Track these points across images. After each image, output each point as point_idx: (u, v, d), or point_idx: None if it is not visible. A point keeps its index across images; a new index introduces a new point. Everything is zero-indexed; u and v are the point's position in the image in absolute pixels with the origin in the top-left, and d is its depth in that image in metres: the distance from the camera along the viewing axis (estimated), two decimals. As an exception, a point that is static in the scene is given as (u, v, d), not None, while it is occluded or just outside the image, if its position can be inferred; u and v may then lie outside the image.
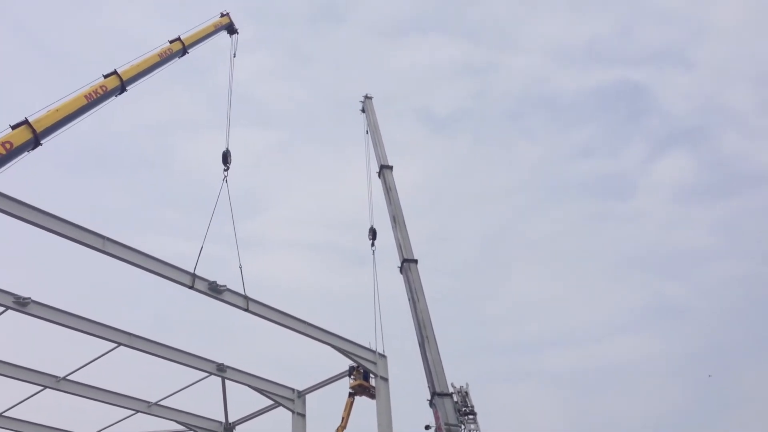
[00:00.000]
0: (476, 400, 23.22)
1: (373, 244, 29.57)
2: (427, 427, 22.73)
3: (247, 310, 24.66)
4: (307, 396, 29.33)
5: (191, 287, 23.29)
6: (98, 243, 21.26)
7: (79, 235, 20.86)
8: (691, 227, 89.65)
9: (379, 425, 26.01)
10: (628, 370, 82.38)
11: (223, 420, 30.19)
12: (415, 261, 26.47)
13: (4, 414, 27.40)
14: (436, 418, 22.71)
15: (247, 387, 28.67)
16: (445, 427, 22.10)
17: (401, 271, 26.53)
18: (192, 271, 23.29)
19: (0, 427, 27.78)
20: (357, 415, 26.20)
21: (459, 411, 22.64)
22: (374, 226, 29.88)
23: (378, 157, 30.64)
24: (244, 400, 31.31)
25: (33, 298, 22.26)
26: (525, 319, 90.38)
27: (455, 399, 22.86)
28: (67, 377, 26.24)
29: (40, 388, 26.04)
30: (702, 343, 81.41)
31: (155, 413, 28.92)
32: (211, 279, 23.75)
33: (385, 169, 29.83)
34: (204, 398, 31.74)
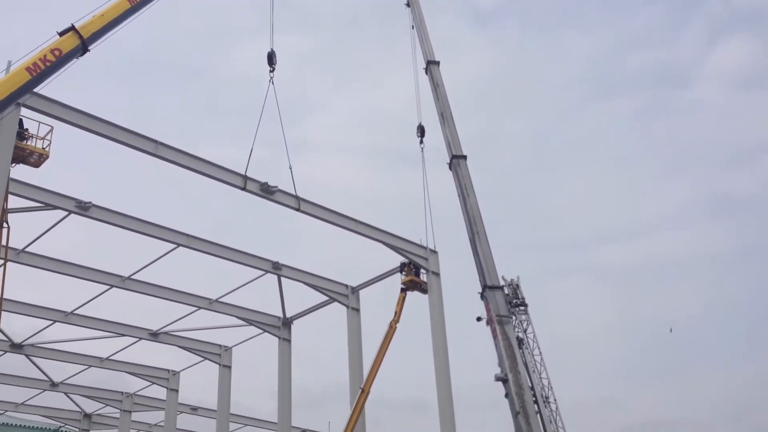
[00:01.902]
0: (527, 293, 23.57)
1: (421, 142, 29.48)
2: (479, 319, 23.21)
3: (298, 209, 25.10)
4: (361, 292, 30.19)
5: (243, 189, 23.73)
6: (151, 147, 21.71)
7: (133, 140, 21.32)
8: (754, 116, 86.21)
9: (431, 318, 26.75)
10: (682, 265, 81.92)
11: (281, 315, 31.41)
12: (464, 157, 26.27)
13: (75, 312, 29.00)
14: (487, 310, 23.13)
15: (302, 284, 29.61)
16: (497, 318, 22.54)
17: (450, 168, 26.43)
18: (243, 172, 23.66)
19: (72, 324, 29.51)
20: (410, 310, 26.86)
21: (510, 303, 23.02)
22: (422, 124, 29.68)
23: (424, 52, 29.94)
24: (300, 296, 32.43)
25: (94, 203, 23.07)
26: (575, 216, 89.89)
27: (506, 292, 23.20)
28: (132, 277, 27.48)
29: (107, 287, 27.38)
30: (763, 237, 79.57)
31: (216, 309, 30.21)
32: (263, 180, 24.15)
33: (431, 65, 29.19)
34: (262, 295, 32.97)
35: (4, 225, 18.99)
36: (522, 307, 23.27)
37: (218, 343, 33.06)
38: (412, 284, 26.28)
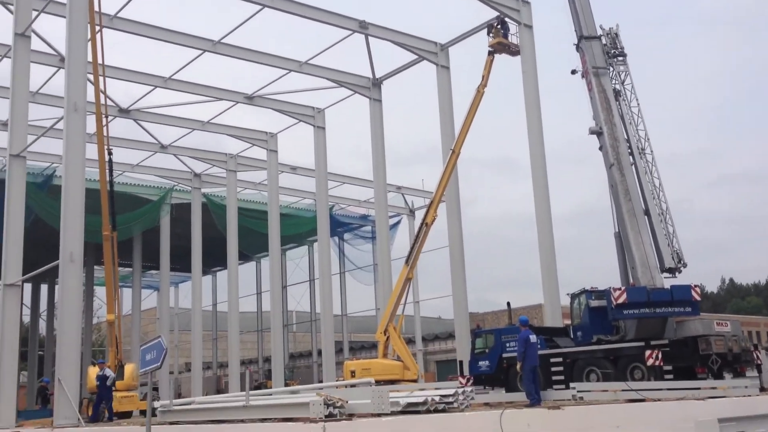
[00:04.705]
0: (626, 42, 22.22)
1: None
2: (573, 72, 22.32)
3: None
4: (451, 50, 29.42)
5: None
6: None
7: None
8: None
9: (523, 72, 26.05)
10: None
11: (371, 76, 31.35)
12: None
13: (173, 77, 29.90)
14: (583, 62, 22.14)
15: (390, 43, 29.05)
16: (593, 70, 21.63)
17: None
18: None
19: (171, 89, 30.59)
20: (501, 66, 26.07)
21: (607, 54, 21.89)
22: None
23: None
24: (389, 56, 32.04)
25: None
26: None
27: (603, 41, 21.96)
28: (222, 41, 27.67)
29: (200, 51, 27.79)
30: None
31: (307, 72, 30.41)
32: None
33: None
34: (351, 57, 32.76)
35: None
36: (620, 58, 22.09)
37: (311, 105, 33.76)
38: (500, 46, 25.21)
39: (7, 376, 19.77)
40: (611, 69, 21.94)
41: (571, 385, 16.86)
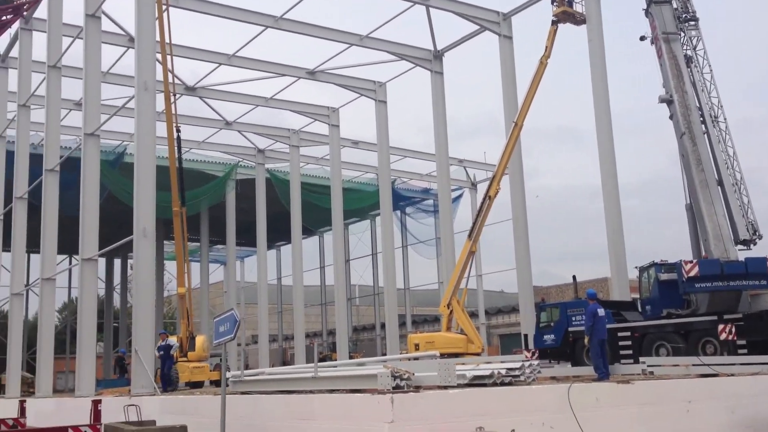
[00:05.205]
0: (698, 6, 21.37)
1: None
2: (642, 38, 21.62)
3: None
4: (514, 20, 28.86)
5: None
6: None
7: None
8: None
9: (589, 41, 25.34)
10: None
11: (432, 48, 31.07)
12: None
13: (236, 54, 30.28)
14: (652, 28, 21.41)
15: (451, 13, 28.69)
16: (663, 36, 20.89)
17: None
18: None
19: (235, 66, 31.01)
20: (565, 33, 25.42)
21: (678, 18, 21.09)
22: None
23: None
24: (450, 28, 31.67)
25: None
26: None
27: (674, 5, 21.16)
28: (284, 16, 27.84)
29: (263, 27, 28.04)
30: None
31: (368, 45, 30.36)
32: None
33: None
34: (412, 29, 32.53)
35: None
36: (692, 23, 21.26)
37: (372, 79, 33.72)
38: (565, 16, 24.47)
39: (87, 346, 20.65)
40: (682, 34, 21.16)
41: (641, 359, 16.58)
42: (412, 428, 9.89)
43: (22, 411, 15.48)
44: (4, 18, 23.44)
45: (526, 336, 24.05)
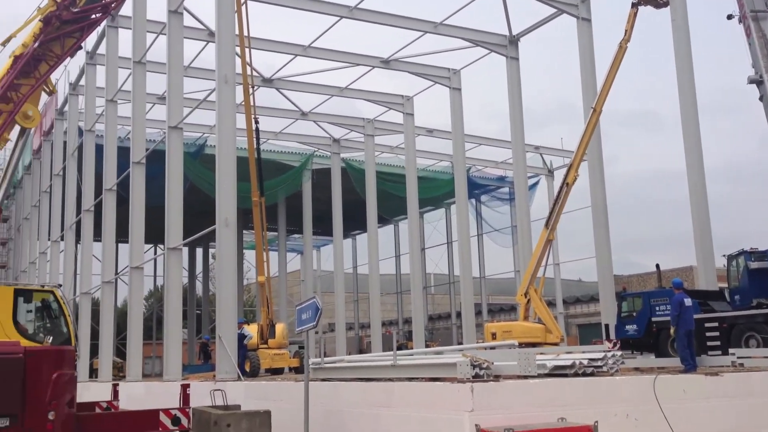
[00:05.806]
0: (792, -19, 20.26)
1: None
2: (729, 17, 20.72)
3: None
4: (593, 2, 28.11)
5: None
6: None
7: None
8: None
9: (673, 21, 24.42)
10: None
11: (507, 33, 30.60)
12: None
13: (311, 45, 30.63)
14: (740, 5, 20.49)
15: (528, -3, 28.18)
16: (751, 14, 19.96)
17: None
18: None
19: (311, 57, 31.37)
20: (645, 16, 24.59)
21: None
22: None
23: None
24: (526, 12, 31.10)
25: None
26: None
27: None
28: (358, 6, 27.96)
29: (337, 18, 28.24)
30: None
31: (442, 32, 30.16)
32: None
33: None
34: (487, 14, 32.10)
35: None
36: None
37: (446, 66, 33.51)
38: None
39: (173, 332, 21.45)
40: (770, 18, 20.16)
41: (730, 350, 15.98)
42: (492, 417, 9.83)
43: (115, 394, 16.21)
44: (93, 16, 24.40)
45: (607, 326, 23.54)
